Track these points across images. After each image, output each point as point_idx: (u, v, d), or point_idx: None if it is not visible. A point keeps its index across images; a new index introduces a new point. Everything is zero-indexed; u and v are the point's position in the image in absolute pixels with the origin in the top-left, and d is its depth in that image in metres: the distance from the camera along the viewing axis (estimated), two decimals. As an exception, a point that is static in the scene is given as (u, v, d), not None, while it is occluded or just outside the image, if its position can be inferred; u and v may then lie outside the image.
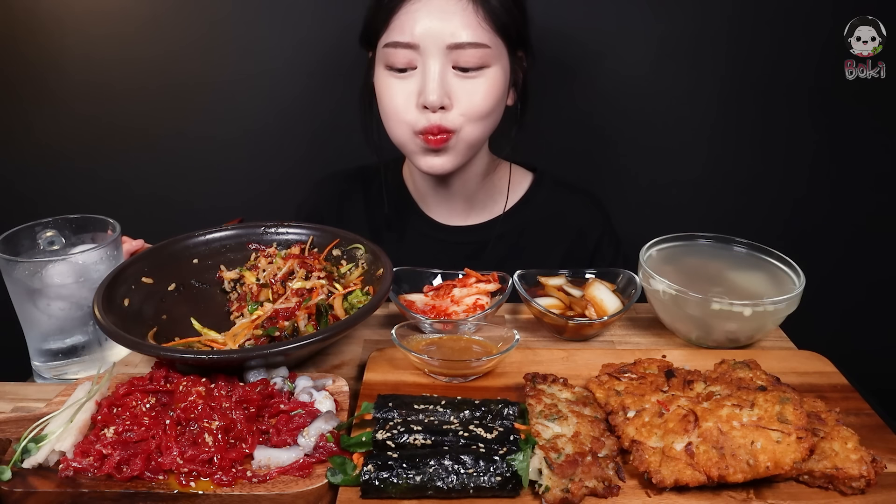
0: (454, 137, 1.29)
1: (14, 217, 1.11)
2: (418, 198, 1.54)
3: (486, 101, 1.27)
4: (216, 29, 1.76)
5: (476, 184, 1.48)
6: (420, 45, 1.23)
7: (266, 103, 1.83)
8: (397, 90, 1.28)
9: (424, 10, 1.22)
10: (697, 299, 1.05)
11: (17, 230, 1.07)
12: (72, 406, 0.86)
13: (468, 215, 1.52)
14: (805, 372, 1.02)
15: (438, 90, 1.23)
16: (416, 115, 1.27)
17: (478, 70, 1.25)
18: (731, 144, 1.87)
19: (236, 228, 1.23)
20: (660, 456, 0.79)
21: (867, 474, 0.77)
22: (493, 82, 1.27)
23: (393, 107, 1.29)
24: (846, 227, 1.94)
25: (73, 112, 1.83)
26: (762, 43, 1.76)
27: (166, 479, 0.77)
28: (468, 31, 1.22)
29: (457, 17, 1.22)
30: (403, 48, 1.24)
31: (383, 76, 1.30)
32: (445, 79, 1.24)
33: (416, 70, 1.26)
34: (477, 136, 1.31)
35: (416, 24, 1.22)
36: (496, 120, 1.35)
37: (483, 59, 1.24)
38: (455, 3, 1.22)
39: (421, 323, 1.07)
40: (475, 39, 1.22)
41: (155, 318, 1.08)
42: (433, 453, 0.78)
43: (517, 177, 1.54)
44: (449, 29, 1.22)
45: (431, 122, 1.26)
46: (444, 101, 1.24)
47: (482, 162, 1.45)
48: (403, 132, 1.31)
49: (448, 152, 1.31)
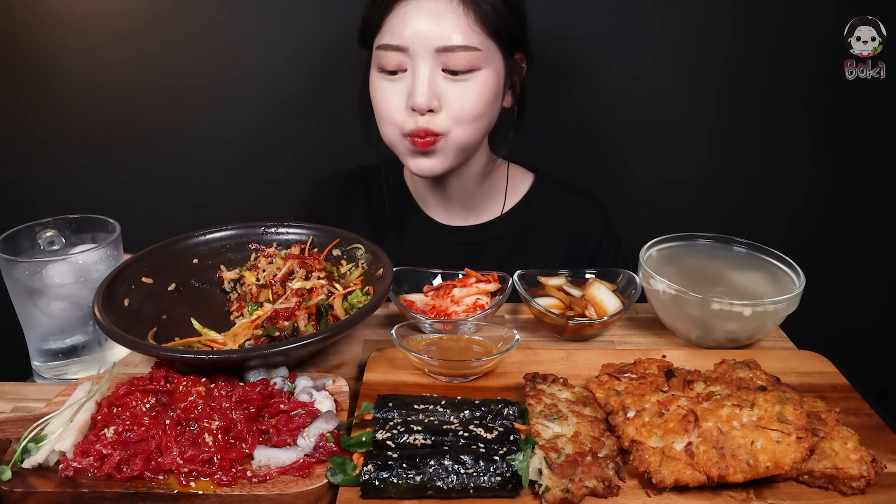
0: (442, 140, 1.29)
1: (14, 217, 1.11)
2: (418, 198, 1.54)
3: (476, 104, 1.27)
4: (216, 28, 1.76)
5: (475, 184, 1.48)
6: (410, 48, 1.23)
7: (266, 103, 1.83)
8: (388, 92, 1.28)
9: (414, 13, 1.22)
10: (697, 299, 1.05)
11: (17, 230, 1.07)
12: (72, 406, 0.86)
13: (468, 215, 1.52)
14: (805, 372, 1.02)
15: (427, 93, 1.23)
16: (404, 118, 1.27)
17: (468, 73, 1.25)
18: (731, 144, 1.87)
19: (236, 228, 1.23)
20: (660, 456, 0.79)
21: (867, 474, 0.77)
22: (484, 85, 1.27)
23: (384, 108, 1.30)
24: (846, 227, 1.94)
25: (73, 112, 1.83)
26: (762, 43, 1.76)
27: (166, 479, 0.77)
28: (458, 34, 1.22)
29: (447, 20, 1.21)
30: (393, 51, 1.25)
31: (376, 77, 1.31)
32: (435, 82, 1.24)
33: (406, 72, 1.26)
34: (467, 138, 1.31)
35: (406, 26, 1.22)
36: (489, 122, 1.35)
37: (473, 62, 1.24)
38: (445, 6, 1.22)
39: (421, 323, 1.07)
40: (465, 42, 1.22)
41: (155, 318, 1.08)
42: (433, 453, 0.78)
43: (518, 177, 1.54)
44: (439, 32, 1.21)
45: (419, 124, 1.26)
46: (433, 103, 1.24)
47: (480, 163, 1.45)
48: (393, 133, 1.31)
49: (437, 155, 1.31)
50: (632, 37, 1.77)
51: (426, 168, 1.32)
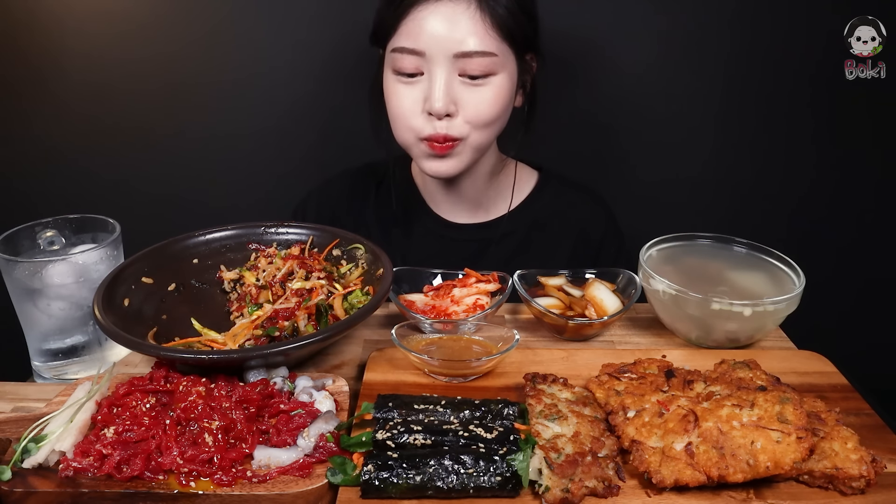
0: (461, 144, 1.29)
1: (14, 217, 1.11)
2: (427, 195, 1.54)
3: (493, 108, 1.27)
4: (217, 29, 1.76)
5: (484, 183, 1.48)
6: (427, 53, 1.23)
7: (267, 103, 1.83)
8: (404, 95, 1.28)
9: (432, 18, 1.21)
10: (697, 299, 1.05)
11: (17, 230, 1.07)
12: (72, 406, 0.86)
13: (475, 213, 1.52)
14: (805, 372, 1.02)
15: (444, 98, 1.23)
16: (421, 122, 1.27)
17: (484, 77, 1.25)
18: (731, 144, 1.87)
19: (236, 228, 1.23)
20: (660, 456, 0.79)
21: (867, 474, 0.77)
22: (500, 90, 1.27)
23: (400, 112, 1.29)
24: (846, 227, 1.94)
25: (73, 112, 1.83)
26: (762, 43, 1.76)
27: (166, 479, 0.77)
28: (475, 39, 1.21)
29: (464, 26, 1.21)
30: (410, 54, 1.24)
31: (391, 80, 1.30)
32: (451, 86, 1.24)
33: (422, 76, 1.26)
34: (483, 141, 1.32)
35: (424, 31, 1.22)
36: (503, 124, 1.35)
37: (490, 67, 1.24)
38: (463, 11, 1.21)
39: (421, 323, 1.07)
40: (482, 48, 1.22)
41: (155, 318, 1.08)
42: (433, 453, 0.78)
43: (523, 175, 1.55)
44: (456, 37, 1.21)
45: (437, 129, 1.26)
46: (450, 108, 1.24)
47: (490, 161, 1.45)
48: (409, 137, 1.31)
49: (453, 157, 1.31)
50: (632, 36, 1.77)
51: (442, 170, 1.33)
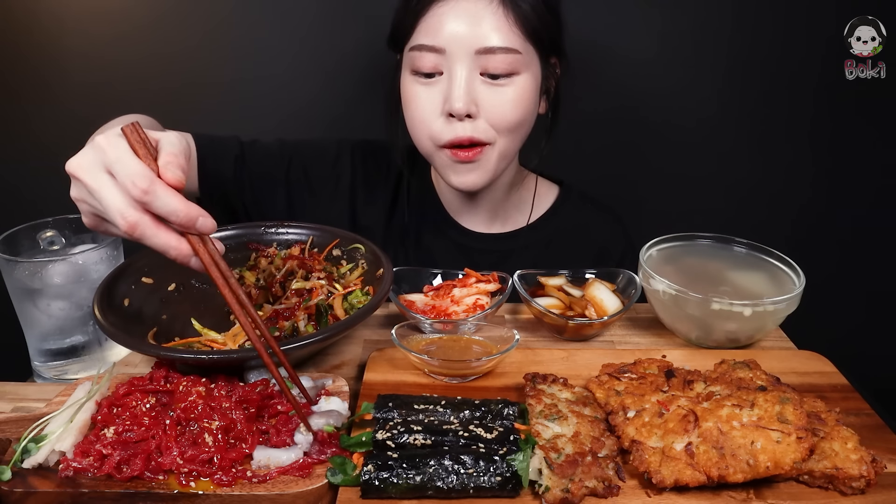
0: (488, 151, 1.23)
1: (14, 217, 1.11)
2: (445, 202, 1.49)
3: (516, 110, 1.22)
4: (217, 29, 1.76)
5: (504, 194, 1.44)
6: (447, 50, 1.18)
7: (267, 104, 1.83)
8: (422, 97, 1.23)
9: (453, 13, 1.17)
10: (697, 299, 1.05)
11: (17, 230, 1.07)
12: (72, 406, 0.86)
13: (492, 223, 1.49)
14: (805, 372, 1.02)
15: (465, 97, 1.17)
16: (441, 126, 1.22)
17: (507, 77, 1.20)
18: (731, 144, 1.87)
19: (236, 228, 1.23)
20: (660, 456, 0.79)
21: (867, 474, 0.77)
22: (523, 91, 1.22)
23: (418, 115, 1.24)
24: (846, 227, 1.94)
25: (73, 112, 1.82)
26: (762, 43, 1.76)
27: (166, 479, 0.77)
28: (498, 34, 1.16)
29: (486, 21, 1.16)
30: (429, 52, 1.19)
31: (409, 81, 1.25)
32: (472, 85, 1.19)
33: (442, 76, 1.21)
34: (510, 148, 1.26)
35: (444, 26, 1.17)
36: (528, 130, 1.30)
37: (513, 65, 1.19)
38: (485, 7, 1.17)
39: (421, 323, 1.07)
40: (505, 44, 1.17)
41: (155, 318, 1.08)
42: (433, 453, 0.78)
43: (543, 189, 1.51)
44: (478, 33, 1.16)
45: (458, 133, 1.20)
46: (471, 108, 1.18)
47: (510, 172, 1.41)
48: (429, 145, 1.26)
49: (479, 167, 1.25)
50: (632, 38, 1.77)
51: (469, 183, 1.26)
